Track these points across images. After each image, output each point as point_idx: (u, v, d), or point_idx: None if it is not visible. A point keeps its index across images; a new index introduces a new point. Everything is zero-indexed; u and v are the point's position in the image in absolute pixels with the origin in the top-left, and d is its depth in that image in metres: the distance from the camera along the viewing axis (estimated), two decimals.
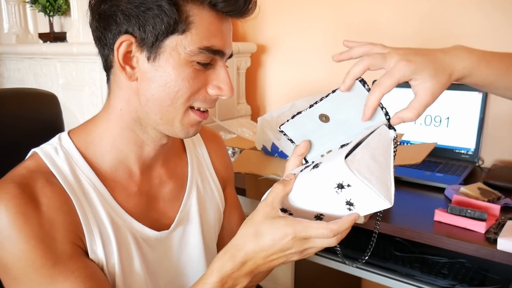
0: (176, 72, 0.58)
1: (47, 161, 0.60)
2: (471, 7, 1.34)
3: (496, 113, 1.35)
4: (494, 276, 1.02)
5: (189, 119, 0.63)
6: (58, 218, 0.57)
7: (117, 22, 0.58)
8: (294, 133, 0.62)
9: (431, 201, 1.11)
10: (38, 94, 0.87)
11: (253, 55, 1.77)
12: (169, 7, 0.55)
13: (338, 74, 1.66)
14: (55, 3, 1.83)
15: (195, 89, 0.60)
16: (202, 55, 0.58)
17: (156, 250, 0.68)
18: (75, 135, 0.66)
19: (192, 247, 0.74)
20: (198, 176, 0.78)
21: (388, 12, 1.50)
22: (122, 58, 0.59)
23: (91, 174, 0.63)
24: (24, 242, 0.54)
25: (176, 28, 0.56)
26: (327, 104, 0.57)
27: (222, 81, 0.62)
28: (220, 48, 0.59)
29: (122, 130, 0.64)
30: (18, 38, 1.96)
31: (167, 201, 0.72)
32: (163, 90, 0.59)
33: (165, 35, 0.57)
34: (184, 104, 0.60)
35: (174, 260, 0.71)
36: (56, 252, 0.55)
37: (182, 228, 0.73)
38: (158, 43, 0.57)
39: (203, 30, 0.57)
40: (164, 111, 0.61)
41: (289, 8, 1.70)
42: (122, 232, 0.64)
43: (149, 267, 0.67)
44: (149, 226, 0.67)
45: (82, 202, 0.60)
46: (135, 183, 0.68)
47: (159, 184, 0.72)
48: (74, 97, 1.48)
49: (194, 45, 0.57)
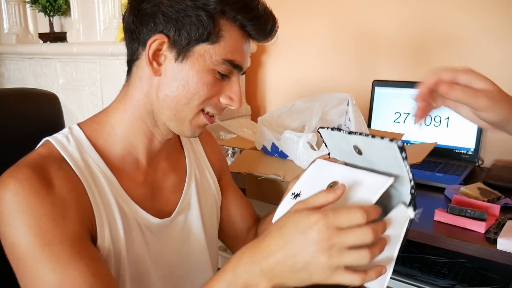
0: (199, 76, 0.64)
1: (59, 147, 0.63)
2: (470, 10, 1.35)
3: None
4: (494, 276, 1.02)
5: (199, 121, 0.68)
6: (70, 198, 0.59)
7: (155, 22, 0.63)
8: (329, 140, 0.63)
9: (431, 201, 1.11)
10: (39, 94, 0.87)
11: (253, 55, 1.77)
12: (207, 19, 0.61)
13: (338, 74, 1.67)
14: (55, 3, 1.83)
15: (210, 95, 0.65)
16: (223, 66, 0.64)
17: (159, 238, 0.71)
18: (86, 126, 0.69)
19: (193, 233, 0.77)
20: (196, 168, 0.82)
21: (386, 14, 1.50)
22: (152, 54, 0.64)
23: (100, 162, 0.66)
24: (36, 218, 0.55)
25: (208, 38, 0.62)
26: (361, 141, 0.55)
27: (234, 93, 0.67)
28: (239, 63, 0.66)
29: (136, 120, 0.68)
30: (18, 38, 1.96)
31: (169, 192, 0.76)
32: (183, 90, 0.64)
33: (197, 41, 0.62)
34: (198, 106, 0.66)
35: (176, 247, 0.74)
36: (66, 231, 0.57)
37: (184, 215, 0.76)
38: (189, 47, 0.63)
39: (230, 44, 0.64)
40: (179, 109, 0.66)
41: (289, 9, 1.71)
42: (128, 218, 0.66)
43: (152, 253, 0.70)
44: (153, 214, 0.70)
45: (91, 186, 0.63)
46: (141, 173, 0.71)
47: (162, 176, 0.75)
48: (74, 97, 1.48)
49: (219, 56, 0.63)
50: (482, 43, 1.35)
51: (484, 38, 1.34)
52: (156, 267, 0.71)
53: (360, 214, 0.47)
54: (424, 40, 1.45)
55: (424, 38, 1.45)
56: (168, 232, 0.73)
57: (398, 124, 1.45)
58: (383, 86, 1.49)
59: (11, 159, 0.64)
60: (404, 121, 1.44)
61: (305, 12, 1.68)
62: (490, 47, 1.34)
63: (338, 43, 1.63)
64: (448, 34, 1.40)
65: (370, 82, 1.51)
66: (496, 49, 1.33)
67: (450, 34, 1.39)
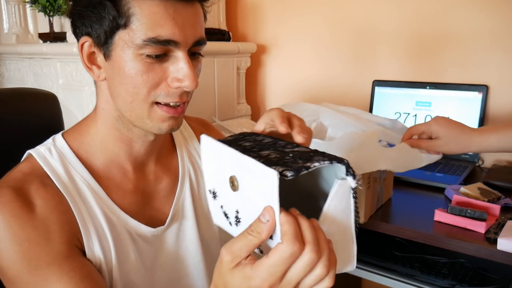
0: (128, 68, 0.57)
1: (41, 162, 0.61)
2: (470, 9, 1.35)
3: (496, 113, 1.35)
4: (494, 276, 1.02)
5: (157, 115, 0.60)
6: (53, 218, 0.57)
7: (77, 25, 0.59)
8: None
9: (431, 201, 1.11)
10: (38, 94, 0.87)
11: (253, 55, 1.77)
12: (109, 2, 0.54)
13: (338, 74, 1.67)
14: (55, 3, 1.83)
15: (153, 83, 0.57)
16: (149, 47, 0.55)
17: (152, 246, 0.68)
18: (69, 135, 0.66)
19: (188, 242, 0.73)
20: (191, 167, 0.76)
21: (387, 13, 1.50)
22: (87, 59, 0.60)
23: (85, 173, 0.63)
24: (18, 244, 0.54)
25: (118, 23, 0.55)
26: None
27: (181, 73, 0.57)
28: (169, 37, 0.55)
29: (108, 129, 0.65)
30: (18, 38, 1.96)
31: (162, 197, 0.72)
32: (122, 87, 0.58)
33: (112, 31, 0.56)
34: (145, 100, 0.58)
35: (170, 256, 0.71)
36: (51, 253, 0.55)
37: (178, 223, 0.72)
38: (109, 41, 0.57)
39: (146, 21, 0.54)
40: (131, 108, 0.60)
41: (289, 8, 1.70)
42: (117, 229, 0.64)
43: (146, 263, 0.67)
44: (145, 223, 0.67)
45: (77, 201, 0.61)
46: (129, 181, 0.68)
47: (154, 180, 0.71)
48: (74, 97, 1.48)
49: (138, 38, 0.55)
50: (482, 42, 1.34)
51: (485, 38, 1.34)
52: (150, 276, 0.68)
53: (291, 249, 0.39)
54: (424, 40, 1.45)
55: (424, 38, 1.45)
56: (161, 240, 0.70)
57: None
58: (383, 86, 1.49)
59: (11, 159, 0.64)
60: (404, 121, 1.44)
61: (305, 12, 1.67)
62: (491, 47, 1.34)
63: (338, 43, 1.63)
64: (448, 34, 1.40)
65: (370, 82, 1.51)
66: (496, 48, 1.33)
67: (450, 33, 1.39)
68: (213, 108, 1.64)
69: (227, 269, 0.43)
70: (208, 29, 1.57)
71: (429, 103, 1.39)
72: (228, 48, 1.65)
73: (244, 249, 0.42)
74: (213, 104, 1.64)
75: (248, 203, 0.44)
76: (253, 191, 0.43)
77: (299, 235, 0.40)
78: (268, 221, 0.40)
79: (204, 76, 1.57)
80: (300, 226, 0.41)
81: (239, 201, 0.46)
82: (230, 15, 1.81)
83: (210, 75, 1.61)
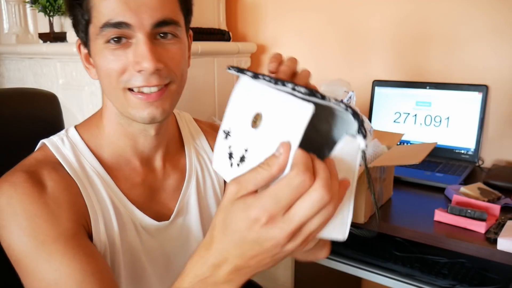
0: (98, 59, 0.61)
1: (54, 150, 0.64)
2: (470, 9, 1.35)
3: (496, 113, 1.35)
4: (494, 276, 1.02)
5: (133, 103, 0.61)
6: (63, 198, 0.59)
7: (74, 27, 0.64)
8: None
9: (431, 201, 1.11)
10: (38, 94, 0.87)
11: (253, 55, 1.77)
12: (76, 2, 0.60)
13: (338, 74, 1.66)
14: (55, 3, 1.83)
15: (118, 70, 0.59)
16: (106, 33, 0.58)
17: (155, 239, 0.70)
18: (81, 128, 0.70)
19: (191, 237, 0.75)
20: (198, 166, 0.79)
21: (387, 13, 1.50)
22: (85, 59, 0.66)
23: (96, 163, 0.66)
24: (27, 219, 0.56)
25: (85, 19, 0.60)
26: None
27: (139, 55, 0.58)
28: (120, 20, 0.57)
29: (113, 125, 0.68)
30: (18, 38, 1.96)
31: (168, 192, 0.74)
32: (102, 80, 0.63)
33: (86, 29, 0.61)
34: (117, 87, 0.61)
35: (174, 250, 0.73)
36: (59, 229, 0.57)
37: (182, 218, 0.74)
38: (87, 37, 0.62)
39: (101, 9, 0.57)
40: (113, 99, 0.64)
41: (289, 8, 1.70)
42: (123, 219, 0.66)
43: (149, 254, 0.69)
44: (151, 216, 0.69)
45: (86, 187, 0.63)
46: (138, 174, 0.70)
47: (162, 176, 0.74)
48: (74, 97, 1.48)
49: (97, 27, 0.59)
50: (482, 42, 1.34)
51: (485, 38, 1.34)
52: (153, 267, 0.70)
53: (300, 178, 0.36)
54: (425, 40, 1.45)
55: (425, 38, 1.45)
56: (165, 234, 0.71)
57: (398, 124, 1.45)
58: (383, 86, 1.49)
59: (11, 159, 0.64)
60: (404, 121, 1.44)
61: (306, 12, 1.68)
62: (491, 47, 1.34)
63: (339, 43, 1.63)
64: (448, 34, 1.40)
65: (370, 82, 1.51)
66: (496, 48, 1.33)
67: (450, 33, 1.39)
68: (213, 108, 1.64)
69: (230, 201, 0.40)
70: (208, 29, 1.57)
71: (429, 103, 1.39)
72: (228, 48, 1.65)
73: (252, 181, 0.39)
74: (213, 104, 1.63)
75: (262, 142, 0.42)
76: (275, 128, 0.41)
77: (310, 167, 0.37)
78: (282, 154, 0.38)
79: (204, 76, 1.57)
80: (314, 163, 0.38)
81: (253, 139, 0.44)
82: (230, 15, 1.81)
83: (210, 75, 1.61)
